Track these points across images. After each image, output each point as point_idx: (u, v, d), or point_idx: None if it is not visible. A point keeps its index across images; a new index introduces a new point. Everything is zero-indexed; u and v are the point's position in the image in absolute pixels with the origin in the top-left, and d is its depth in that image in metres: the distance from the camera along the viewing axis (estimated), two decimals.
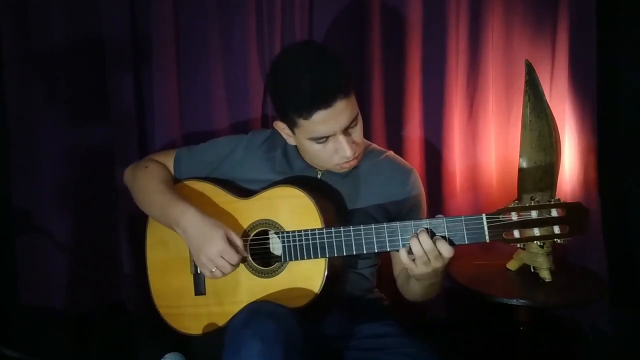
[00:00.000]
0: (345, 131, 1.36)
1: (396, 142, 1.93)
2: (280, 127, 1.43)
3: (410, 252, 1.25)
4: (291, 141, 1.45)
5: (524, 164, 1.72)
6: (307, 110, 1.30)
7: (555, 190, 1.74)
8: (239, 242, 1.37)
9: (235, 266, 1.37)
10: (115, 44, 1.87)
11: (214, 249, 1.34)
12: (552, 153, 1.70)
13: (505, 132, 1.96)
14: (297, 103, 1.32)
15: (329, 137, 1.35)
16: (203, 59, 1.89)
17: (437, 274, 1.32)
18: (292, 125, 1.38)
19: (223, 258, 1.35)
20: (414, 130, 1.93)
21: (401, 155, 1.86)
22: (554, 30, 1.89)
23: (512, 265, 1.82)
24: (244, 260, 1.40)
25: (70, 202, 1.92)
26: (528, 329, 1.77)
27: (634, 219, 2.02)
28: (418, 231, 1.25)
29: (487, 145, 1.96)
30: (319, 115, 1.30)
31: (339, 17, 1.90)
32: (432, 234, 1.25)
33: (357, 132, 1.40)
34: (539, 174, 1.70)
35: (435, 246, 1.24)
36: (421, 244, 1.24)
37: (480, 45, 1.91)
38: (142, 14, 1.87)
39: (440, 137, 1.93)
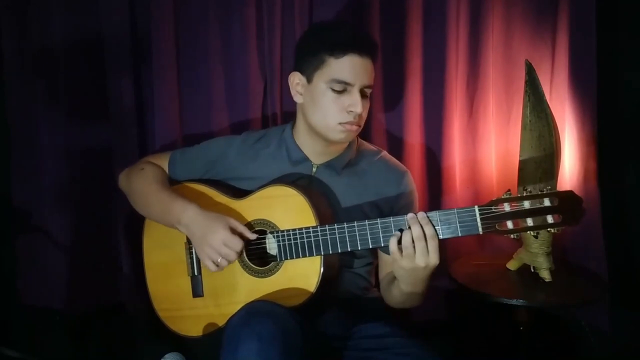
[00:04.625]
0: (362, 91, 1.40)
1: (396, 142, 1.93)
2: (295, 80, 1.46)
3: (399, 242, 1.27)
4: (299, 99, 1.47)
5: (524, 164, 1.72)
6: (343, 48, 1.37)
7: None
8: (241, 228, 1.37)
9: (240, 253, 1.38)
10: (115, 44, 1.87)
11: (218, 237, 1.35)
12: (552, 153, 1.69)
13: (505, 132, 1.96)
14: (334, 39, 1.38)
15: (347, 87, 1.38)
16: (203, 58, 1.89)
17: (417, 280, 1.33)
18: (316, 68, 1.40)
19: (227, 246, 1.35)
20: (414, 131, 1.93)
21: (401, 155, 1.88)
22: (554, 30, 1.89)
23: (512, 265, 1.82)
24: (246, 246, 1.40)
25: (69, 202, 1.92)
26: (528, 329, 1.77)
27: (634, 219, 2.02)
28: (411, 222, 1.27)
29: (487, 146, 1.96)
30: (351, 59, 1.37)
31: (339, 18, 1.90)
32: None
33: (367, 104, 1.44)
34: (539, 174, 1.70)
35: (424, 235, 1.25)
36: (411, 233, 1.26)
37: (481, 46, 1.91)
38: (142, 14, 1.87)
39: (440, 138, 1.93)
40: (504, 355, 1.97)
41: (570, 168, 1.91)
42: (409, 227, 1.28)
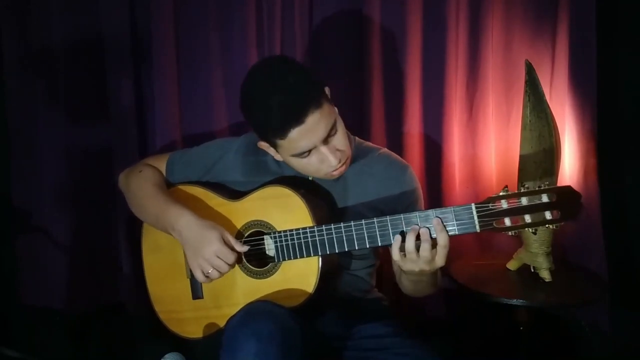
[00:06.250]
0: (326, 141, 1.33)
1: (396, 143, 1.93)
2: (264, 146, 1.42)
3: (402, 249, 1.25)
4: (278, 158, 1.43)
5: (524, 164, 1.72)
6: (281, 131, 1.29)
7: None
8: (234, 242, 1.36)
9: (232, 266, 1.37)
10: (115, 44, 1.88)
11: (210, 249, 1.34)
12: (552, 153, 1.69)
13: (505, 132, 1.96)
14: (270, 125, 1.31)
15: (310, 150, 1.33)
16: (203, 59, 1.89)
17: (423, 276, 1.32)
18: (273, 145, 1.37)
19: (219, 258, 1.34)
20: (414, 132, 1.93)
21: (401, 156, 1.86)
22: (554, 30, 1.88)
23: (512, 265, 1.82)
24: (239, 260, 1.39)
25: (69, 202, 1.92)
26: (528, 329, 1.77)
27: (634, 219, 2.02)
28: (421, 230, 1.24)
29: (487, 146, 1.96)
30: (294, 133, 1.29)
31: (339, 18, 1.90)
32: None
33: (339, 140, 1.37)
34: (539, 174, 1.70)
35: (432, 246, 1.23)
36: (417, 246, 1.24)
37: (480, 46, 1.91)
38: (142, 14, 1.88)
39: (440, 139, 1.93)
40: (504, 355, 1.97)
41: (570, 168, 1.91)
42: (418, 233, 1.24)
